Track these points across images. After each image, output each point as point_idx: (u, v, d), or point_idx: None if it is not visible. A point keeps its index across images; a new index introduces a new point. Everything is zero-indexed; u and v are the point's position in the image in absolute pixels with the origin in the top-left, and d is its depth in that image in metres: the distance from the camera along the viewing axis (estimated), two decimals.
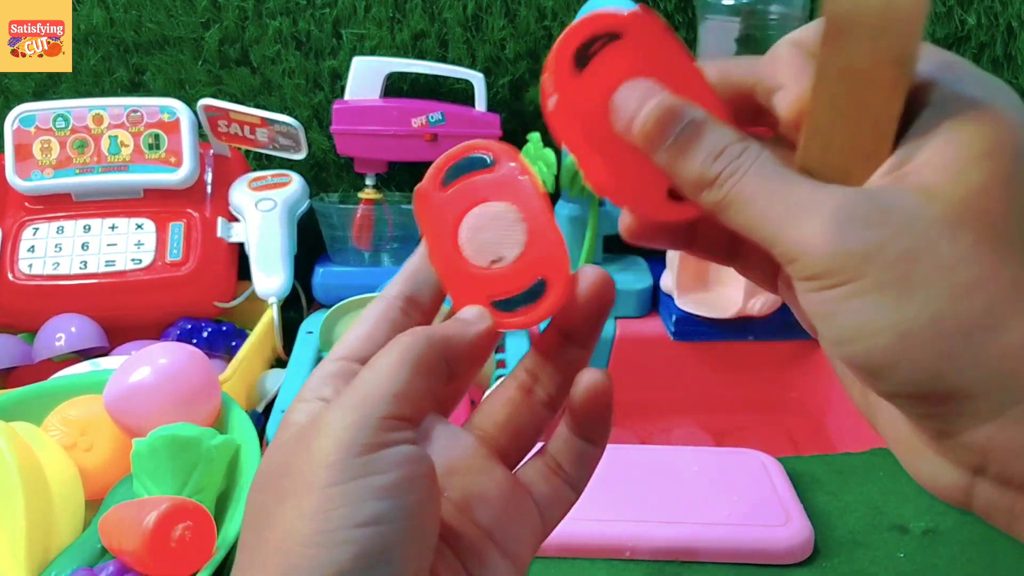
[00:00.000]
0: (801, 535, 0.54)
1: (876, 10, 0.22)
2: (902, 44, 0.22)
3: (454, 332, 0.27)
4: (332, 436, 0.24)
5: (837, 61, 0.23)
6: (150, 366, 0.59)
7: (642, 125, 0.25)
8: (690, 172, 0.25)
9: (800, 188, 0.23)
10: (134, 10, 0.87)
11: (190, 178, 0.82)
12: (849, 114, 0.23)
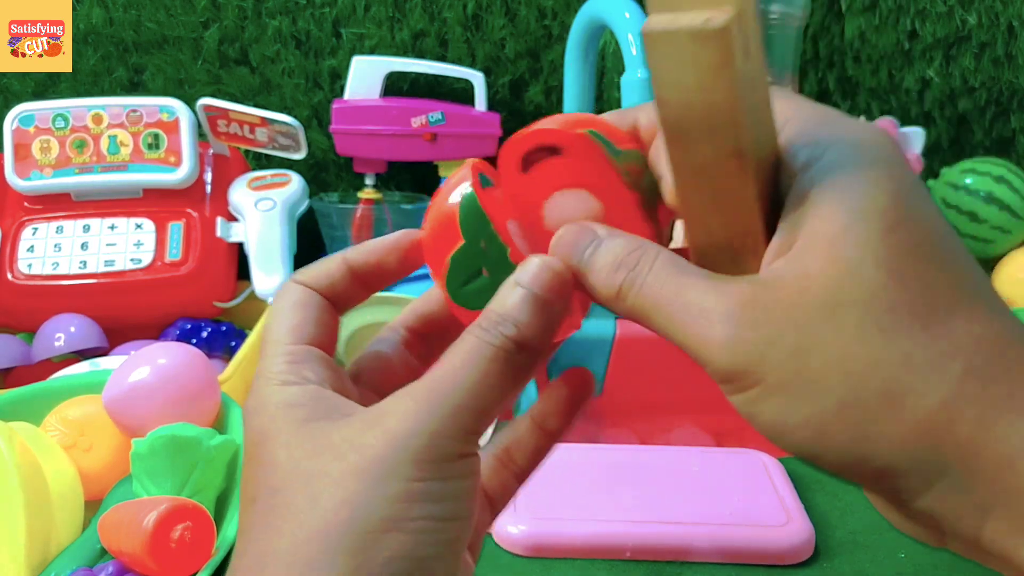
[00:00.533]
0: (802, 535, 0.54)
1: (699, 113, 0.23)
2: (733, 138, 0.23)
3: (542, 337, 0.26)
4: (425, 435, 0.24)
5: (685, 159, 0.24)
6: (149, 366, 0.59)
7: (556, 250, 0.27)
8: (598, 288, 0.26)
9: (695, 289, 0.24)
10: (133, 9, 0.87)
11: (189, 178, 0.82)
12: (714, 202, 0.24)
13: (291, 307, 0.28)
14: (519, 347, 0.25)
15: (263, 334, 0.29)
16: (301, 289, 0.29)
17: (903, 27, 0.88)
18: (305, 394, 0.26)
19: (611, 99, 0.88)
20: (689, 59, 0.22)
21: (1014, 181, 0.82)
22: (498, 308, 0.25)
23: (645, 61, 0.23)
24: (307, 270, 0.30)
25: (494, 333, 0.25)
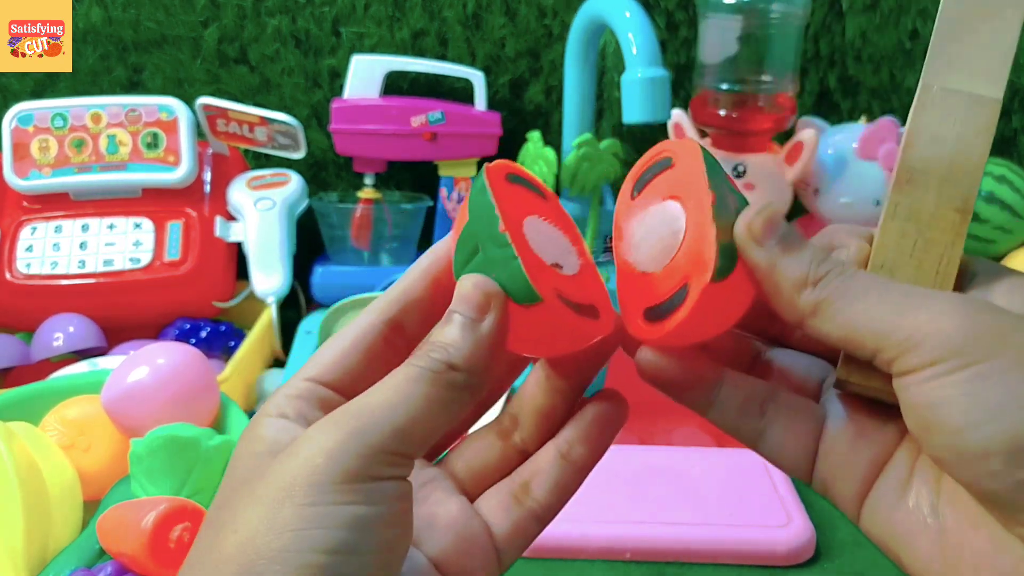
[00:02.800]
0: (802, 536, 0.54)
1: (943, 163, 0.26)
2: (966, 191, 0.26)
3: (478, 351, 0.25)
4: (324, 455, 0.23)
5: (906, 203, 0.26)
6: (148, 366, 0.59)
7: (750, 222, 0.26)
8: (794, 270, 0.25)
9: (906, 287, 0.24)
10: (132, 9, 0.87)
11: (188, 177, 0.82)
12: (915, 253, 0.26)
13: (333, 345, 0.27)
14: (449, 367, 0.24)
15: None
16: (366, 321, 0.28)
17: (904, 26, 0.87)
18: (273, 428, 0.25)
19: (611, 99, 0.88)
20: (960, 116, 0.26)
21: (1015, 181, 0.82)
22: (432, 336, 0.25)
23: (913, 110, 0.27)
24: (382, 298, 0.28)
25: (422, 356, 0.24)
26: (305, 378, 0.26)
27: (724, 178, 0.28)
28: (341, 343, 0.27)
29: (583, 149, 0.80)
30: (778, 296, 0.26)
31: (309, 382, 0.26)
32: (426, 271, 0.28)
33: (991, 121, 0.26)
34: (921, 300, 0.24)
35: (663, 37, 0.87)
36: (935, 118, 0.26)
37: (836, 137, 0.79)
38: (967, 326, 0.22)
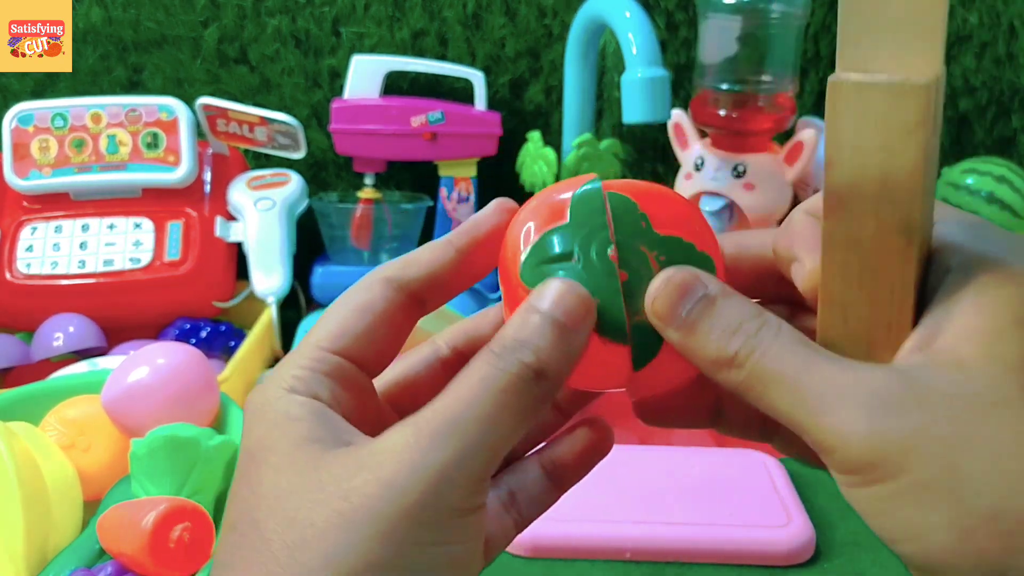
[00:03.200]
0: (802, 536, 0.54)
1: (874, 180, 0.21)
2: (906, 211, 0.21)
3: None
4: (424, 486, 0.21)
5: (842, 232, 0.22)
6: (148, 366, 0.59)
7: (653, 301, 0.24)
8: (705, 351, 0.23)
9: (826, 368, 0.22)
10: (132, 9, 0.87)
11: (188, 177, 0.82)
12: (863, 284, 0.23)
13: (353, 309, 0.25)
14: (537, 376, 0.22)
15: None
16: (381, 287, 0.26)
17: None
18: (307, 409, 0.23)
19: (611, 99, 0.88)
20: (880, 116, 0.21)
21: (1015, 181, 0.82)
22: (514, 333, 0.23)
23: (827, 114, 0.21)
24: (400, 263, 0.26)
25: (510, 360, 0.22)
26: (318, 346, 0.25)
27: (642, 229, 0.25)
28: (348, 308, 0.25)
29: (583, 149, 0.80)
30: (708, 375, 0.24)
31: (322, 351, 0.24)
32: (452, 242, 0.26)
33: (923, 114, 0.20)
34: (834, 398, 0.21)
35: (663, 37, 0.87)
36: (851, 123, 0.21)
37: None
38: (873, 440, 0.20)
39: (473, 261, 0.26)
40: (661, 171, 0.92)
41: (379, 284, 0.26)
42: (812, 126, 0.79)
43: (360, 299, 0.25)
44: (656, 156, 0.92)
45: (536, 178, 0.81)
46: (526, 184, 0.83)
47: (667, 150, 0.90)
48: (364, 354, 0.25)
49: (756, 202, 0.75)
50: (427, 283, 0.26)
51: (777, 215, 0.78)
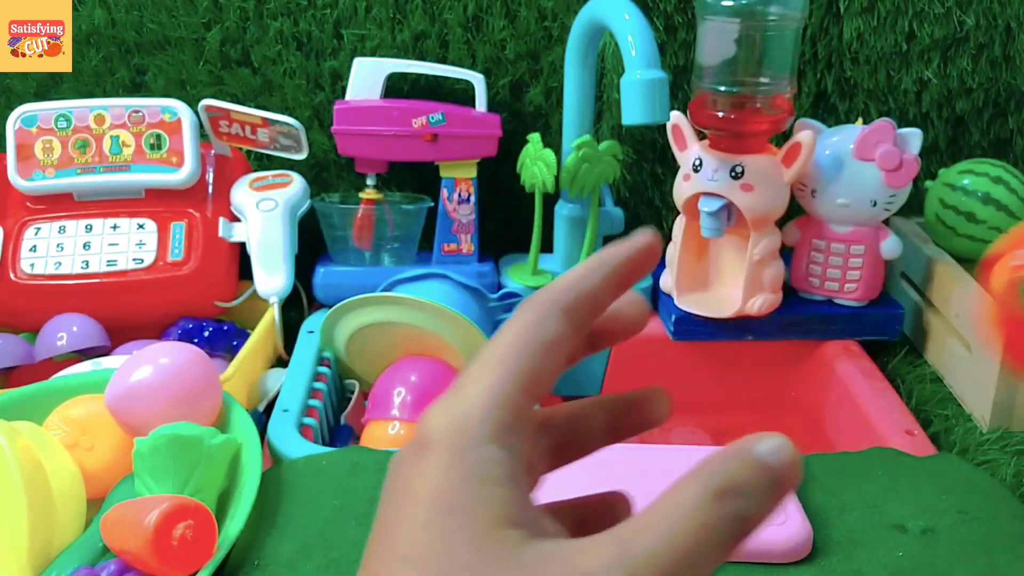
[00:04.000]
0: (799, 534, 0.54)
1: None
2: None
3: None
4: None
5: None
6: (151, 365, 0.60)
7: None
8: None
9: None
10: (135, 10, 0.88)
11: (191, 178, 0.82)
12: None
13: (544, 347, 0.23)
14: (746, 529, 0.21)
15: (490, 346, 0.24)
16: (563, 323, 0.24)
17: (901, 28, 0.88)
18: (507, 472, 0.21)
19: (610, 100, 0.89)
20: None
21: (1012, 182, 0.82)
22: (739, 476, 0.21)
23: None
24: (565, 287, 0.25)
25: (728, 509, 0.21)
26: (523, 390, 0.23)
27: None
28: (538, 344, 0.23)
29: (582, 150, 0.81)
30: None
31: (524, 396, 0.23)
32: (604, 262, 0.25)
33: None
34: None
35: (662, 39, 0.87)
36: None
37: (833, 138, 0.79)
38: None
39: (622, 286, 0.26)
40: (660, 172, 0.93)
41: (560, 318, 0.24)
42: (810, 127, 0.79)
43: (548, 335, 0.24)
44: (655, 157, 0.92)
45: (536, 179, 0.82)
46: (526, 185, 0.84)
47: (666, 151, 0.90)
48: (542, 394, 0.24)
49: (754, 203, 0.76)
50: (593, 314, 0.25)
51: (775, 216, 0.78)
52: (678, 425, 0.88)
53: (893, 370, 0.82)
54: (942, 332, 0.79)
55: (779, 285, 0.81)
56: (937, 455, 0.66)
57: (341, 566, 0.52)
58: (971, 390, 0.74)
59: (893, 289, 0.87)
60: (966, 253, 0.83)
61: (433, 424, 0.22)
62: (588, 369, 0.87)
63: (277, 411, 0.68)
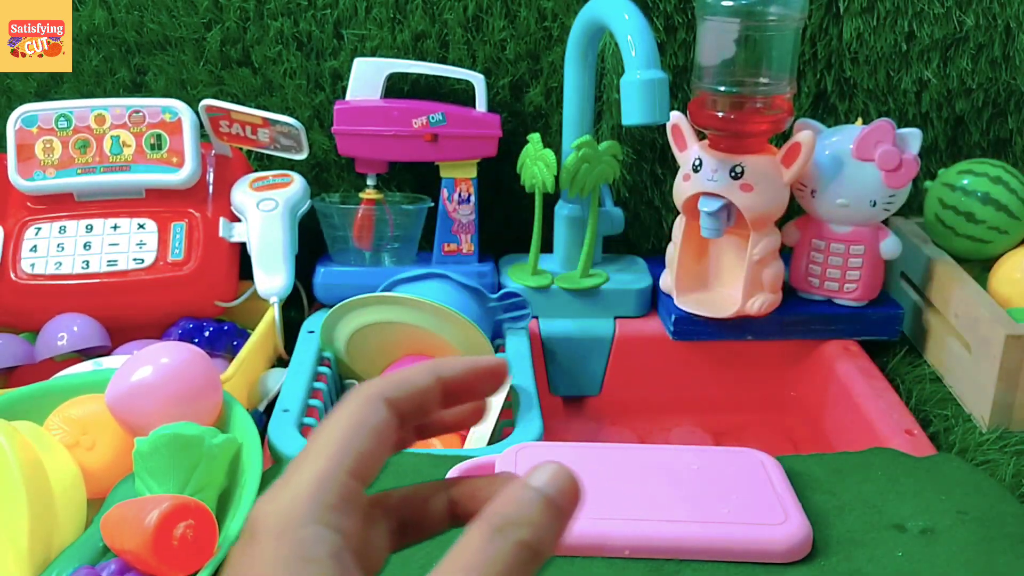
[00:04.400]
0: (799, 534, 0.54)
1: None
2: None
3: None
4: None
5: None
6: (152, 365, 0.60)
7: None
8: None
9: None
10: (136, 11, 0.88)
11: (192, 178, 0.82)
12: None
13: (371, 433, 0.25)
14: (534, 556, 0.23)
15: (319, 432, 0.25)
16: (383, 406, 0.26)
17: (901, 28, 0.88)
18: (328, 551, 0.22)
19: (610, 100, 0.89)
20: None
21: (1011, 182, 0.82)
22: (516, 508, 0.23)
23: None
24: (393, 383, 0.26)
25: (510, 539, 0.22)
26: (350, 473, 0.24)
27: None
28: (365, 432, 0.25)
29: (582, 151, 0.81)
30: None
31: (352, 479, 0.24)
32: (438, 370, 0.27)
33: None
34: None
35: (661, 39, 0.87)
36: None
37: (833, 139, 0.79)
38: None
39: (456, 395, 0.27)
40: (660, 172, 0.93)
41: (386, 407, 0.26)
42: (809, 127, 0.79)
43: (375, 421, 0.25)
44: (655, 157, 0.92)
45: (536, 179, 0.82)
46: (526, 185, 0.84)
47: (666, 151, 0.90)
48: (371, 475, 0.25)
49: (754, 203, 0.76)
50: (416, 411, 0.27)
51: (774, 216, 0.78)
52: (677, 424, 0.88)
53: (893, 370, 0.82)
54: (941, 332, 0.79)
55: (779, 285, 0.81)
56: (936, 455, 0.66)
57: None
58: (970, 390, 0.74)
59: (893, 289, 0.87)
60: (966, 253, 0.83)
61: (261, 512, 0.23)
62: (588, 369, 0.88)
63: (277, 411, 0.68)
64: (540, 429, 0.67)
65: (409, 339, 0.76)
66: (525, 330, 0.82)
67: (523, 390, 0.72)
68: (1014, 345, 0.68)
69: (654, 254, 0.92)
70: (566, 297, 0.86)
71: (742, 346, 0.85)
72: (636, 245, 0.96)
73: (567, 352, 0.87)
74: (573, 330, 0.86)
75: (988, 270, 0.81)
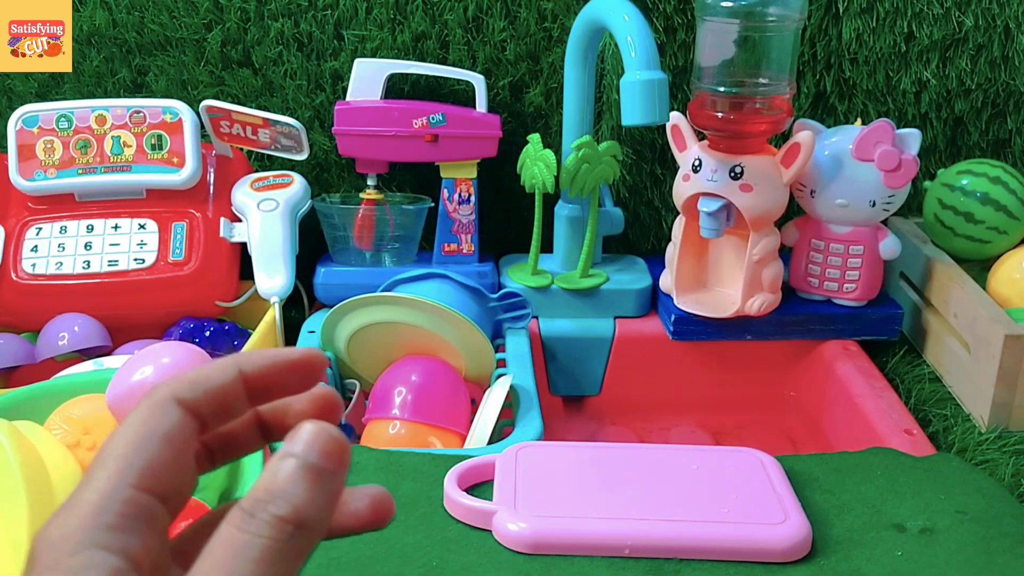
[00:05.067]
0: (799, 533, 0.55)
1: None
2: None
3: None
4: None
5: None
6: (153, 365, 0.60)
7: None
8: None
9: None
10: (136, 11, 0.88)
11: (192, 178, 0.82)
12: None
13: (159, 437, 0.23)
14: (297, 528, 0.21)
15: (105, 448, 0.23)
16: (175, 409, 0.24)
17: (900, 29, 0.88)
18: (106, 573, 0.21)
19: (610, 101, 0.89)
20: None
21: (1010, 182, 0.82)
22: (267, 484, 0.21)
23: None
24: (186, 382, 0.24)
25: (262, 519, 0.20)
26: (132, 485, 0.22)
27: None
28: (153, 437, 0.23)
29: (582, 151, 0.81)
30: None
31: (135, 491, 0.22)
32: (240, 363, 0.25)
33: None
34: None
35: (661, 40, 0.87)
36: None
37: (832, 139, 0.79)
38: None
39: (261, 392, 0.25)
40: (659, 173, 0.93)
41: (175, 409, 0.24)
42: (809, 128, 0.79)
43: (164, 427, 0.23)
44: (654, 158, 0.92)
45: (536, 179, 0.82)
46: (526, 185, 0.84)
47: (665, 152, 0.90)
48: (167, 484, 0.23)
49: (753, 203, 0.76)
50: (215, 408, 0.24)
51: (774, 216, 0.79)
52: (677, 424, 0.88)
53: (892, 370, 0.82)
54: (941, 332, 0.79)
55: (778, 285, 0.81)
56: (936, 455, 0.66)
57: (341, 565, 0.52)
58: (970, 390, 0.74)
59: (892, 289, 0.87)
60: (965, 253, 0.84)
61: (40, 539, 0.22)
62: (588, 369, 0.88)
63: None
64: (540, 429, 0.67)
65: (409, 339, 0.76)
66: (525, 330, 0.82)
67: (523, 390, 0.72)
68: (1013, 345, 0.68)
69: (654, 254, 0.92)
70: (566, 297, 0.87)
71: (742, 346, 0.85)
72: (636, 245, 0.96)
73: (567, 352, 0.87)
74: (573, 330, 0.86)
75: (987, 270, 0.82)
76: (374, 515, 0.26)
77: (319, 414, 0.26)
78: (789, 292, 0.84)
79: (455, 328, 0.74)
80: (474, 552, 0.54)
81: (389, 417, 0.70)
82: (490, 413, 0.67)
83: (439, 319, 0.74)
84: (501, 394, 0.69)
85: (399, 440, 0.68)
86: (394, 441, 0.68)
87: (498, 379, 0.71)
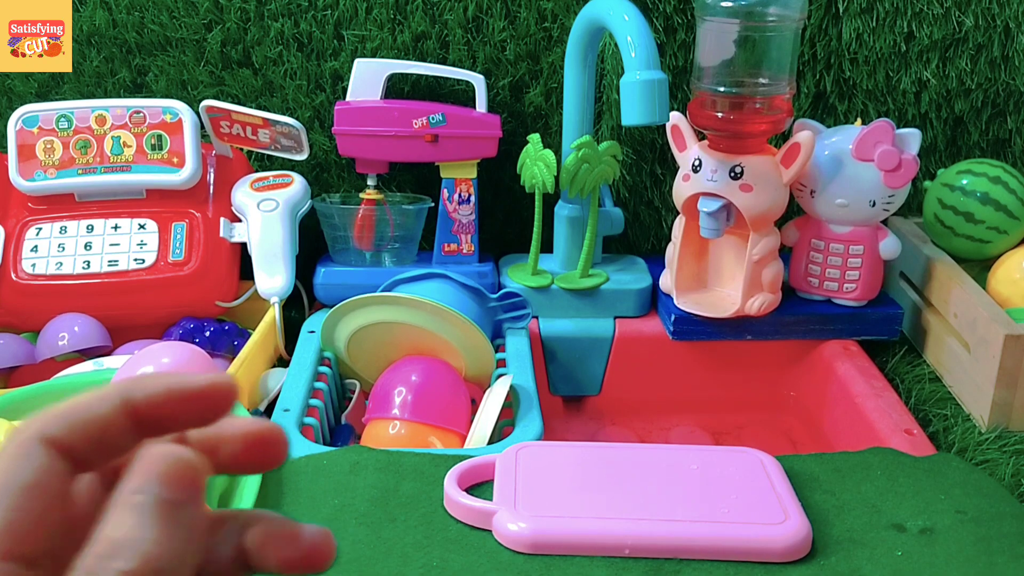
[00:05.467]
0: (799, 533, 0.55)
1: None
2: None
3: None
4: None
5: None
6: (153, 365, 0.60)
7: None
8: None
9: None
10: (136, 11, 0.88)
11: (192, 178, 0.82)
12: None
13: (17, 489, 0.19)
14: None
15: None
16: (40, 452, 0.20)
17: (900, 29, 0.88)
18: None
19: (610, 101, 0.89)
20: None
21: (1010, 182, 0.82)
22: (109, 532, 0.18)
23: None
24: (57, 417, 0.21)
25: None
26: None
27: None
28: (17, 492, 0.19)
29: (582, 151, 0.81)
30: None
31: (6, 563, 0.19)
32: (123, 392, 0.22)
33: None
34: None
35: (661, 40, 0.87)
36: None
37: (832, 139, 0.79)
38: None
39: (153, 425, 0.22)
40: (659, 173, 0.93)
41: (40, 451, 0.20)
42: (809, 128, 0.79)
43: (24, 476, 0.20)
44: (654, 158, 0.93)
45: (536, 179, 0.82)
46: (526, 185, 0.84)
47: (665, 152, 0.90)
48: (41, 537, 0.19)
49: (753, 203, 0.76)
50: (92, 444, 0.21)
51: (774, 216, 0.79)
52: (677, 424, 0.88)
53: (892, 370, 0.82)
54: (941, 332, 0.79)
55: (778, 285, 0.81)
56: (936, 455, 0.66)
57: (341, 565, 0.52)
58: (970, 390, 0.74)
59: (892, 289, 0.87)
60: (965, 253, 0.84)
61: None
62: (588, 369, 0.88)
63: (278, 411, 0.69)
64: (540, 429, 0.67)
65: (409, 339, 0.76)
66: (525, 330, 0.82)
67: (523, 390, 0.72)
68: (1013, 345, 0.68)
69: (654, 254, 0.92)
70: (566, 297, 0.87)
71: (741, 346, 0.86)
72: (636, 245, 0.96)
73: (567, 352, 0.87)
74: (573, 330, 0.86)
75: (987, 270, 0.82)
76: (309, 554, 0.23)
77: (254, 455, 0.23)
78: (789, 292, 0.84)
79: (455, 328, 0.74)
80: (474, 552, 0.54)
81: (389, 417, 0.70)
82: (490, 413, 0.67)
83: (439, 319, 0.74)
84: (501, 394, 0.69)
85: (399, 440, 0.68)
86: (394, 441, 0.68)
87: (498, 379, 0.71)
